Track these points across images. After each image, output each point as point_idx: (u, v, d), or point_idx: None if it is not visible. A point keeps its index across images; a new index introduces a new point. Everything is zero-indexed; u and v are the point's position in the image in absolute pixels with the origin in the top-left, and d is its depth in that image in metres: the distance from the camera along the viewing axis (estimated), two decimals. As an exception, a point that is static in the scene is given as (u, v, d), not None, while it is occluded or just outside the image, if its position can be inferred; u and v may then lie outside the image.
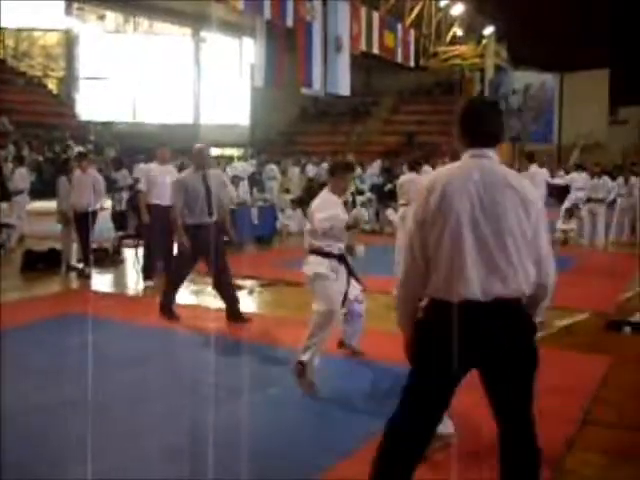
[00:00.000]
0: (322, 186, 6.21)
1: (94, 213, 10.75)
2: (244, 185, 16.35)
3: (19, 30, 35.49)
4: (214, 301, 8.86)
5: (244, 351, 6.48)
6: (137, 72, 35.26)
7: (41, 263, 10.98)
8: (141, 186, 10.05)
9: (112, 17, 35.81)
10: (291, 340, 6.20)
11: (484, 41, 33.28)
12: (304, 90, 21.69)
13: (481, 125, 3.12)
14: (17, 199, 13.85)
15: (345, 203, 5.94)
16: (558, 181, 15.97)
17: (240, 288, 9.42)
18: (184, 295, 9.51)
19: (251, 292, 9.37)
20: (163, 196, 9.53)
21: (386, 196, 16.42)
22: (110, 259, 11.74)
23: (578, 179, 15.55)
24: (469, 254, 2.92)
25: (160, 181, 9.74)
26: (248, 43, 35.58)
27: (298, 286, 9.44)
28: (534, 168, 12.22)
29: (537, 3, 29.72)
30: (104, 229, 12.45)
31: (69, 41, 35.55)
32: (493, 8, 29.97)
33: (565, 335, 7.47)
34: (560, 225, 15.36)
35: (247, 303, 8.96)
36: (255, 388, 5.41)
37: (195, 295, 9.50)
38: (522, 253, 2.97)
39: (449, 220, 2.94)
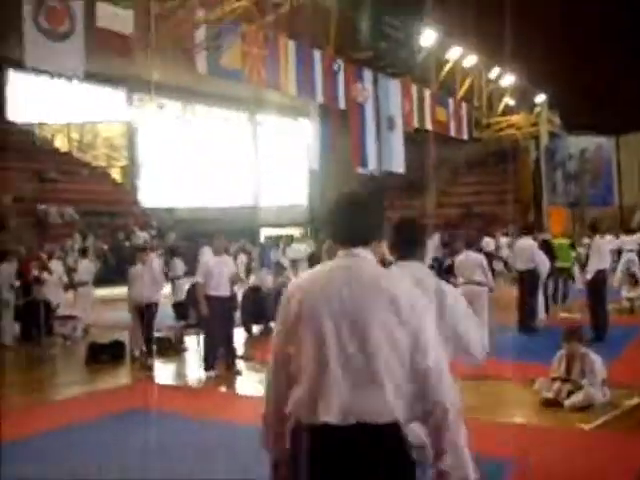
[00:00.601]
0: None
1: (156, 305, 10.99)
2: (304, 267, 16.48)
3: (83, 123, 36.94)
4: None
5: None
6: (197, 157, 36.16)
7: (105, 355, 11.19)
8: (199, 278, 10.20)
9: (172, 105, 36.95)
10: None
11: (537, 109, 33.32)
12: (359, 170, 21.98)
13: (345, 223, 2.80)
14: (81, 291, 14.24)
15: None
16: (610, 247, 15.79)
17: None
18: (248, 384, 9.60)
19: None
20: (220, 287, 9.76)
21: (446, 271, 16.37)
22: (173, 348, 11.91)
23: (629, 241, 15.33)
24: (332, 370, 2.50)
25: (217, 272, 9.91)
26: (304, 124, 36.37)
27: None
28: (598, 239, 11.99)
29: (586, 69, 29.84)
30: (166, 318, 12.68)
31: (130, 131, 36.79)
32: (544, 76, 30.08)
33: (634, 416, 7.21)
34: (625, 293, 15.08)
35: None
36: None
37: (260, 384, 9.54)
38: (393, 368, 2.49)
39: (310, 331, 2.56)
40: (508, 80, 31.39)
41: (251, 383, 9.71)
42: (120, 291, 12.02)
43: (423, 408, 2.54)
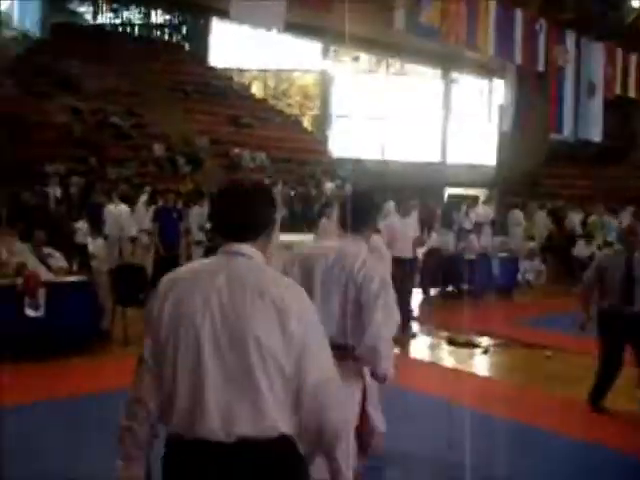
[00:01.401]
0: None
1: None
2: (487, 232, 16.11)
3: (280, 71, 37.88)
4: (447, 357, 8.93)
5: (467, 417, 6.34)
6: (387, 111, 36.18)
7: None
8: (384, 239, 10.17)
9: (365, 58, 37.09)
10: (527, 413, 6.04)
11: None
12: (553, 135, 21.14)
13: (226, 215, 2.48)
14: None
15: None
16: None
17: (475, 346, 9.39)
18: (421, 348, 9.65)
19: (485, 351, 9.23)
20: (404, 250, 9.77)
21: None
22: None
23: None
24: (210, 380, 2.23)
25: (402, 234, 9.91)
26: (498, 84, 35.38)
27: (533, 348, 9.29)
28: None
29: None
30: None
31: (324, 81, 37.32)
32: None
33: None
34: None
35: (480, 363, 8.90)
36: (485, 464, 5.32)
37: (429, 350, 9.58)
38: (275, 381, 2.23)
39: (185, 337, 2.27)
40: None
41: (424, 347, 9.77)
42: (305, 238, 12.20)
43: (306, 426, 2.30)
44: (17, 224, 12.67)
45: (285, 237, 16.65)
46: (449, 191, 33.50)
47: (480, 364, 8.88)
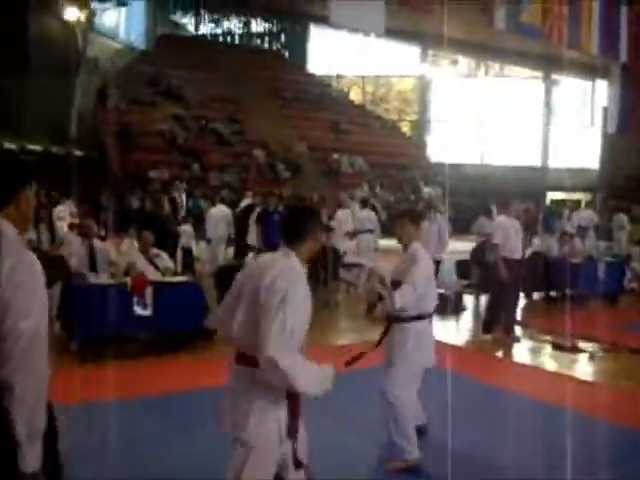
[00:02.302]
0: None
1: (438, 262, 11.12)
2: (591, 236, 15.70)
3: (378, 77, 37.95)
4: (550, 362, 8.77)
5: (575, 422, 6.20)
6: (487, 115, 35.74)
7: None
8: (497, 240, 9.99)
9: (464, 62, 36.77)
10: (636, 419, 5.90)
11: None
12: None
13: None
14: (363, 237, 14.60)
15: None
16: None
17: (580, 351, 9.18)
18: (522, 352, 9.50)
19: (592, 357, 9.00)
20: (516, 250, 9.66)
21: None
22: (451, 306, 12.01)
23: None
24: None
25: (513, 235, 9.79)
26: (601, 85, 34.43)
27: (641, 354, 9.01)
28: None
29: None
30: (447, 276, 12.79)
31: (423, 86, 37.20)
32: None
33: None
34: None
35: (587, 368, 8.69)
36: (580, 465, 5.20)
37: (532, 354, 9.41)
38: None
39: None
40: None
41: (526, 351, 9.59)
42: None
43: None
44: (128, 227, 13.21)
45: (384, 242, 16.69)
46: (550, 195, 32.81)
47: (586, 369, 8.66)
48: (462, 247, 15.29)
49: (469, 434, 5.90)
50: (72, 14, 26.09)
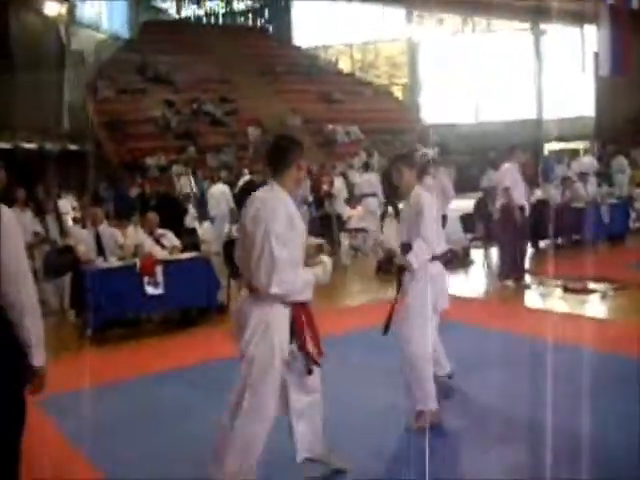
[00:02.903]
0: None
1: (444, 217, 11.12)
2: (592, 181, 15.69)
3: (365, 44, 37.75)
4: (563, 305, 8.81)
5: (595, 359, 6.24)
6: (478, 72, 35.55)
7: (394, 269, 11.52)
8: (508, 183, 9.98)
9: (451, 20, 36.51)
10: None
11: None
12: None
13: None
14: (366, 202, 14.57)
15: None
16: None
17: (591, 291, 9.23)
18: (535, 298, 9.55)
19: (604, 296, 9.05)
20: (521, 197, 9.73)
21: None
22: (460, 261, 12.03)
23: None
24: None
25: (519, 180, 9.84)
26: (590, 31, 34.15)
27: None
28: None
29: None
30: (452, 232, 12.80)
31: (411, 49, 36.99)
32: None
33: None
34: None
35: (599, 307, 8.74)
36: (602, 400, 5.25)
37: (543, 299, 9.46)
38: None
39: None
40: None
41: (538, 296, 9.65)
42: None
43: None
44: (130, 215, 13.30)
45: (389, 208, 16.69)
46: (548, 147, 32.70)
47: (598, 308, 8.72)
48: (463, 205, 15.32)
49: (490, 379, 5.97)
50: (52, 9, 25.94)
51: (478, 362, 6.35)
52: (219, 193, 15.30)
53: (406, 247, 5.05)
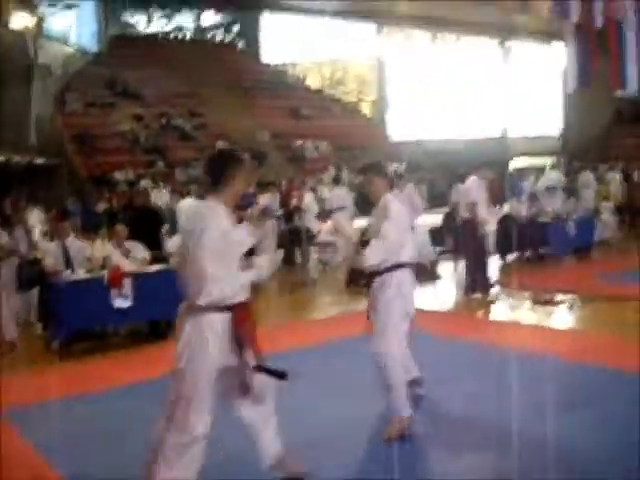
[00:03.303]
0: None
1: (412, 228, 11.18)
2: (559, 196, 15.87)
3: (334, 60, 37.94)
4: (531, 317, 8.89)
5: (563, 370, 6.32)
6: (446, 88, 35.90)
7: (364, 279, 11.55)
8: (476, 197, 10.07)
9: (419, 36, 36.84)
10: (613, 360, 6.01)
11: None
12: (619, 93, 20.67)
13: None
14: (335, 216, 14.59)
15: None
16: None
17: (559, 303, 9.33)
18: (502, 310, 9.63)
19: (570, 307, 9.16)
20: (484, 211, 9.89)
21: None
22: (428, 274, 12.07)
23: None
24: None
25: (485, 197, 10.02)
26: (558, 48, 34.70)
27: (618, 301, 9.16)
28: None
29: None
30: (421, 246, 12.85)
31: (380, 66, 37.26)
32: None
33: None
34: None
35: (566, 318, 8.83)
36: (569, 408, 5.32)
37: (511, 311, 9.54)
38: None
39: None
40: None
41: (506, 308, 9.72)
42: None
43: None
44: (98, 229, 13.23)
45: (359, 222, 16.75)
46: (513, 164, 33.06)
47: (565, 319, 8.81)
48: (431, 220, 15.44)
49: (461, 390, 6.00)
50: (20, 22, 25.76)
51: (447, 373, 6.39)
52: (187, 207, 15.22)
53: (365, 243, 5.09)
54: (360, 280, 11.48)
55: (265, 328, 6.31)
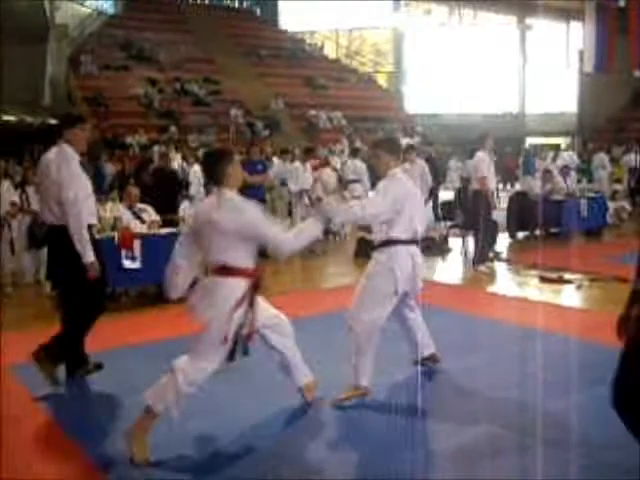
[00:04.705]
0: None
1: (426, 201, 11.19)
2: (572, 176, 15.78)
3: (351, 30, 37.65)
4: (539, 294, 8.88)
5: (568, 346, 6.29)
6: (463, 63, 35.59)
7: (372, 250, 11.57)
8: (485, 172, 10.11)
9: (437, 11, 36.51)
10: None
11: None
12: (637, 73, 20.49)
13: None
14: (351, 187, 14.56)
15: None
16: None
17: (567, 282, 9.31)
18: (509, 286, 9.63)
19: (579, 287, 9.13)
20: (491, 182, 9.95)
21: None
22: (437, 248, 12.05)
23: None
24: None
25: (492, 169, 10.07)
26: (576, 27, 34.32)
27: (627, 282, 9.12)
28: None
29: None
30: (431, 218, 12.84)
31: (397, 37, 36.95)
32: None
33: None
34: None
35: (574, 298, 8.82)
36: (581, 385, 5.31)
37: (519, 287, 9.53)
38: None
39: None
40: None
41: (514, 285, 9.71)
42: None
43: None
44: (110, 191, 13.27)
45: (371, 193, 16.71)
46: (529, 141, 32.89)
47: (574, 298, 8.79)
48: (442, 194, 15.43)
49: (465, 362, 6.02)
50: (37, -19, 25.61)
51: (453, 345, 6.39)
52: (201, 172, 15.25)
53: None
54: (369, 250, 11.53)
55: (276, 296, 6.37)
